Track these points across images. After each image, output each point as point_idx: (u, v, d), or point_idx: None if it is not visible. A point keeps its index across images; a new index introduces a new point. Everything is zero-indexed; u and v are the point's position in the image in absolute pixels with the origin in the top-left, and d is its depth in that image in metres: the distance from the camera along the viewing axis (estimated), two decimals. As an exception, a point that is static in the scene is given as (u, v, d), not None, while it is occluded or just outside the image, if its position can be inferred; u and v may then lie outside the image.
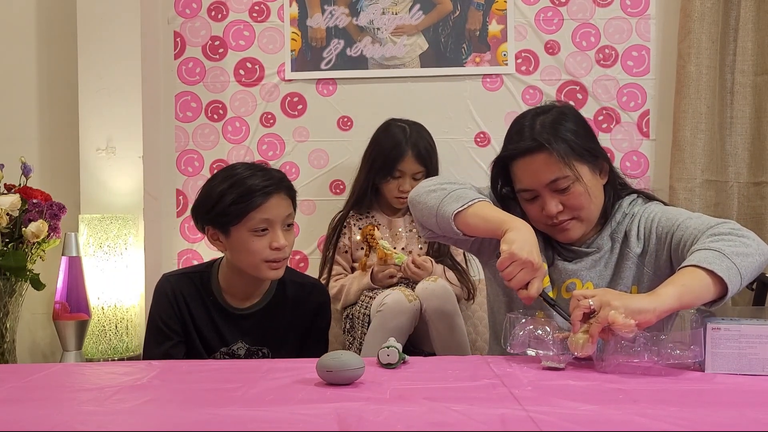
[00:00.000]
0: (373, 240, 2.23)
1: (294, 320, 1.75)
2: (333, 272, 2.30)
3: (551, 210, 1.50)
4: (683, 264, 1.32)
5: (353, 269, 2.32)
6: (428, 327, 2.03)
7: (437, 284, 2.04)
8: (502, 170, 1.58)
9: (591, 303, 1.26)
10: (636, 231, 1.55)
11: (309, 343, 1.76)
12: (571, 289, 1.57)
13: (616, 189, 1.61)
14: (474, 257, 2.28)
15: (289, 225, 1.68)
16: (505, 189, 1.61)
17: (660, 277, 1.50)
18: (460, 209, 1.49)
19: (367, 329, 2.08)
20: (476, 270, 2.32)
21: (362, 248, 2.28)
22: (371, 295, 2.16)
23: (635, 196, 1.62)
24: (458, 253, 2.33)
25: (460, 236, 1.52)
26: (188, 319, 1.72)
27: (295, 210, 1.71)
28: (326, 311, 1.82)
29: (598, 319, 1.24)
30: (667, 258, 1.51)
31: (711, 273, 1.27)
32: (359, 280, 2.22)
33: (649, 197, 1.63)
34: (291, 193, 1.69)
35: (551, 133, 1.49)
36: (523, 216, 1.56)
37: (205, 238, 1.74)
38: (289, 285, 1.76)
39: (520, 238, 1.40)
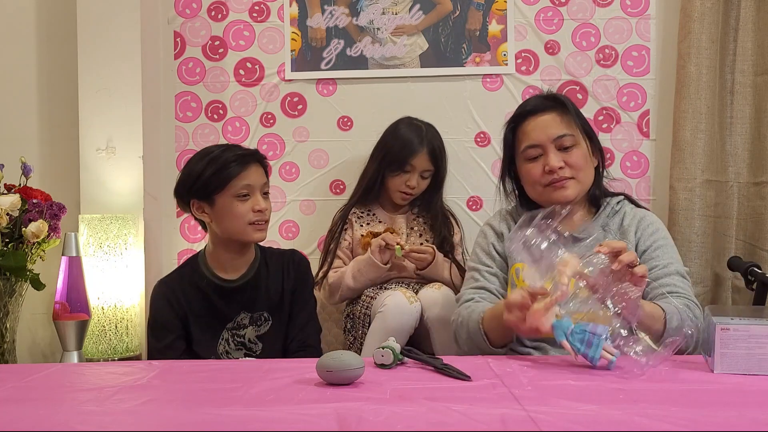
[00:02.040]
0: (375, 232, 2.25)
1: (282, 281, 1.88)
2: (334, 264, 2.30)
3: (554, 164, 1.64)
4: (661, 301, 1.49)
5: None
6: (430, 332, 2.03)
7: (440, 292, 2.04)
8: (511, 133, 1.75)
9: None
10: (635, 229, 1.67)
11: (296, 295, 1.89)
12: None
13: (601, 181, 1.76)
14: (468, 251, 2.34)
15: (265, 193, 1.84)
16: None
17: None
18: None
19: (367, 329, 2.08)
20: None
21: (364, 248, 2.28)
22: (372, 295, 2.16)
23: (622, 197, 1.76)
24: (457, 252, 2.33)
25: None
26: (187, 311, 1.82)
27: (268, 181, 1.88)
28: (306, 265, 1.97)
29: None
30: None
31: (664, 323, 1.44)
32: (360, 258, 2.22)
33: (633, 202, 1.78)
34: (264, 164, 1.86)
35: (565, 100, 1.71)
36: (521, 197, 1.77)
37: (192, 216, 1.88)
38: (269, 256, 1.93)
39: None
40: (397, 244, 2.16)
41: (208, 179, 1.77)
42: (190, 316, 1.82)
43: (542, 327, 1.31)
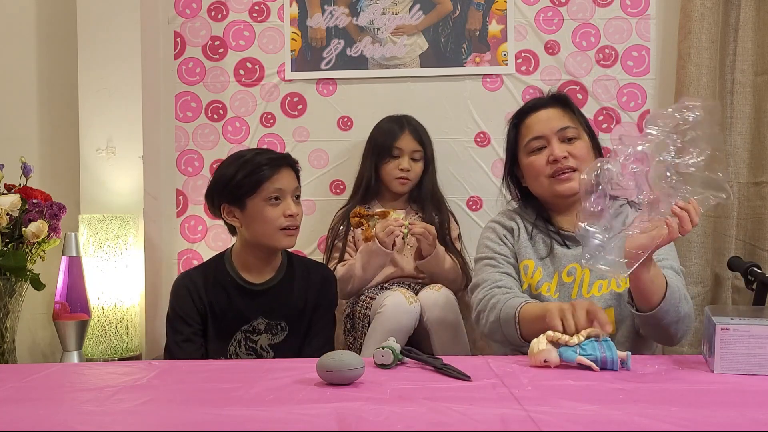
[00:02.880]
0: (365, 212, 2.19)
1: (305, 294, 1.86)
2: (344, 258, 2.28)
3: (558, 153, 1.66)
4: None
5: None
6: (429, 334, 2.03)
7: (440, 293, 2.04)
8: (514, 129, 1.78)
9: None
10: None
11: (318, 315, 1.86)
12: (572, 273, 1.66)
13: None
14: (466, 248, 2.36)
15: (297, 197, 1.83)
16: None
17: None
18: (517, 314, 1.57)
19: (367, 330, 2.08)
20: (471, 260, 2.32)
21: (362, 229, 2.23)
22: (372, 295, 2.16)
23: (625, 200, 1.74)
24: (455, 241, 2.33)
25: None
26: (207, 306, 1.81)
27: (300, 186, 1.86)
28: (332, 284, 1.94)
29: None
30: None
31: (663, 298, 1.43)
32: (367, 249, 2.17)
33: (634, 206, 1.75)
34: (296, 168, 1.85)
35: (566, 98, 1.77)
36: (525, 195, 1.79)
37: (223, 218, 1.86)
38: (296, 263, 1.91)
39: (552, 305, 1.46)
40: (403, 226, 2.11)
41: (240, 182, 1.76)
42: (209, 312, 1.82)
43: (551, 363, 1.30)
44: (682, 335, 1.52)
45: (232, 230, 1.89)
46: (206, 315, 1.82)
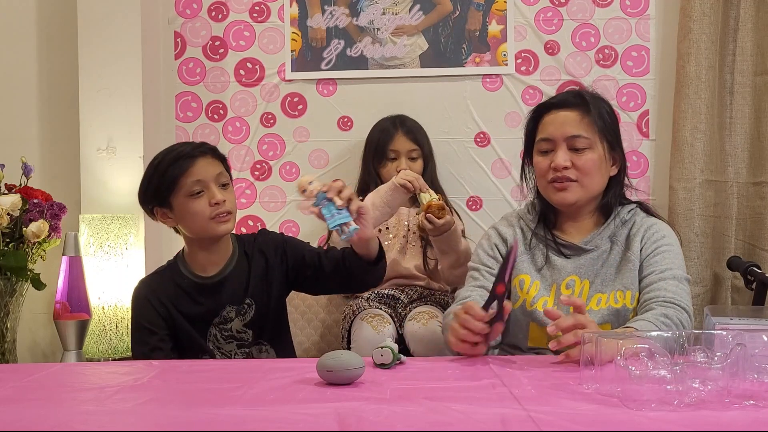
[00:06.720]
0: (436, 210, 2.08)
1: (266, 265, 1.79)
2: None
3: (559, 161, 1.60)
4: (630, 324, 1.44)
5: None
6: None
7: (426, 329, 2.03)
8: (533, 122, 1.70)
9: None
10: (640, 237, 1.62)
11: (299, 257, 1.78)
12: (571, 285, 1.61)
13: (620, 190, 1.69)
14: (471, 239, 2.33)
15: (224, 184, 1.73)
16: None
17: None
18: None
19: (347, 341, 2.15)
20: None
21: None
22: (350, 313, 2.19)
23: (635, 205, 1.70)
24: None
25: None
26: (171, 310, 1.75)
27: (229, 172, 1.77)
28: (282, 236, 1.85)
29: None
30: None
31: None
32: (387, 186, 2.10)
33: (647, 211, 1.71)
34: (217, 154, 1.75)
35: (591, 101, 1.64)
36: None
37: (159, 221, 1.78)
38: (245, 244, 1.82)
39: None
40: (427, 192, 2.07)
41: (158, 183, 1.70)
42: (176, 315, 1.75)
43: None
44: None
45: (176, 229, 1.83)
46: (171, 319, 1.75)
